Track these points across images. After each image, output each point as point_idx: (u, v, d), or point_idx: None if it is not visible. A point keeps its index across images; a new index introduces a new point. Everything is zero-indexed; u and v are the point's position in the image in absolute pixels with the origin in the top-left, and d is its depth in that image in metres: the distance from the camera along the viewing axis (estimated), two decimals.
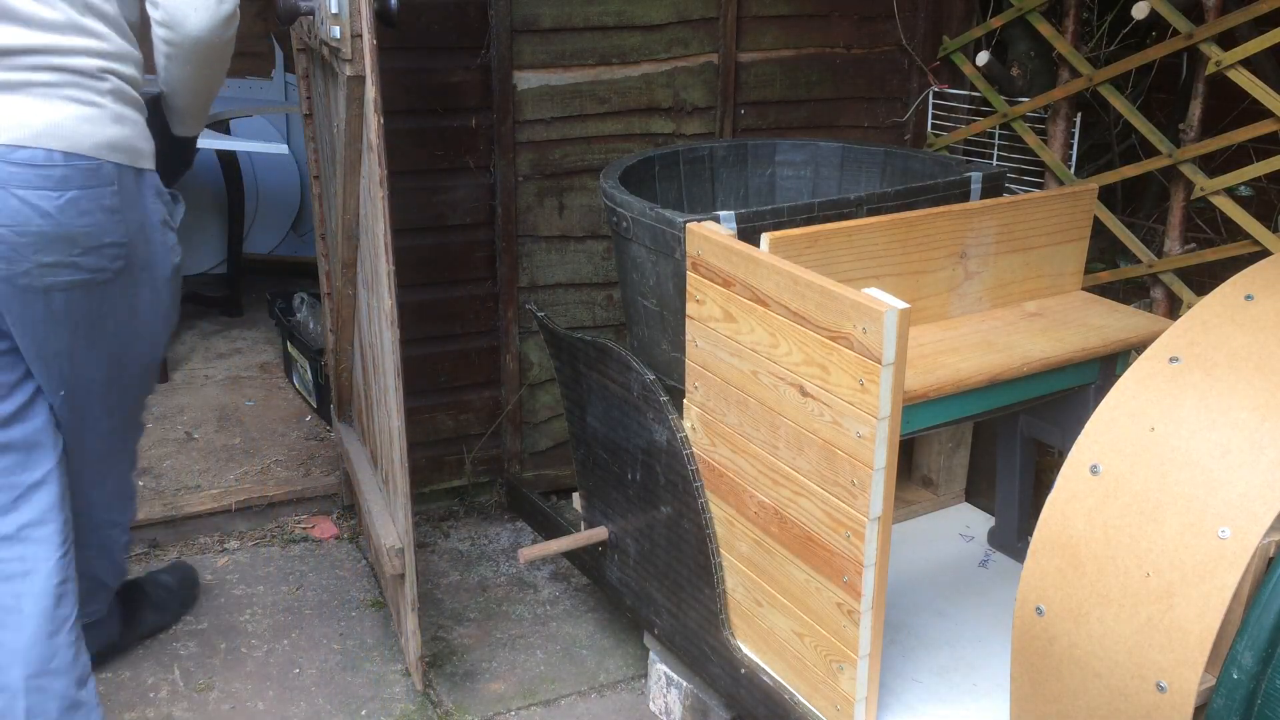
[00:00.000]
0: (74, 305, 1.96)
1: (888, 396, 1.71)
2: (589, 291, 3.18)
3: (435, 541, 3.11)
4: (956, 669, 2.15)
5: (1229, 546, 1.40)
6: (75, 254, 1.90)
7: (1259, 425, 1.46)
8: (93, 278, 1.95)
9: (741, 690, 2.14)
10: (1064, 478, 1.60)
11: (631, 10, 2.99)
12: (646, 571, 2.36)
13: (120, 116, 1.93)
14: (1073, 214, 2.33)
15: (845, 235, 2.05)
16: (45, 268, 1.89)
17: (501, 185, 2.99)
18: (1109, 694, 1.51)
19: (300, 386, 3.67)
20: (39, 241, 1.87)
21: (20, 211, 1.84)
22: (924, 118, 3.38)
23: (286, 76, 4.68)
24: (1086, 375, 2.19)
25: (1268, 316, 1.61)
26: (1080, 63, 2.91)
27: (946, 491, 2.74)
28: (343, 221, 2.51)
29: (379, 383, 2.43)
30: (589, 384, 2.40)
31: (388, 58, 2.44)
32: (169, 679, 2.54)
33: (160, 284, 2.09)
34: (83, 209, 1.89)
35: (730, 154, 2.69)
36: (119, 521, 2.38)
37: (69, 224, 1.87)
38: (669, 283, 2.18)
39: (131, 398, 2.23)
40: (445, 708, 2.49)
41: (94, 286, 1.96)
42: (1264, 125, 2.56)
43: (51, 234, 1.87)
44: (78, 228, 1.89)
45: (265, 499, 3.10)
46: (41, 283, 1.90)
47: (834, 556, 1.86)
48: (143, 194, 1.99)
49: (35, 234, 1.86)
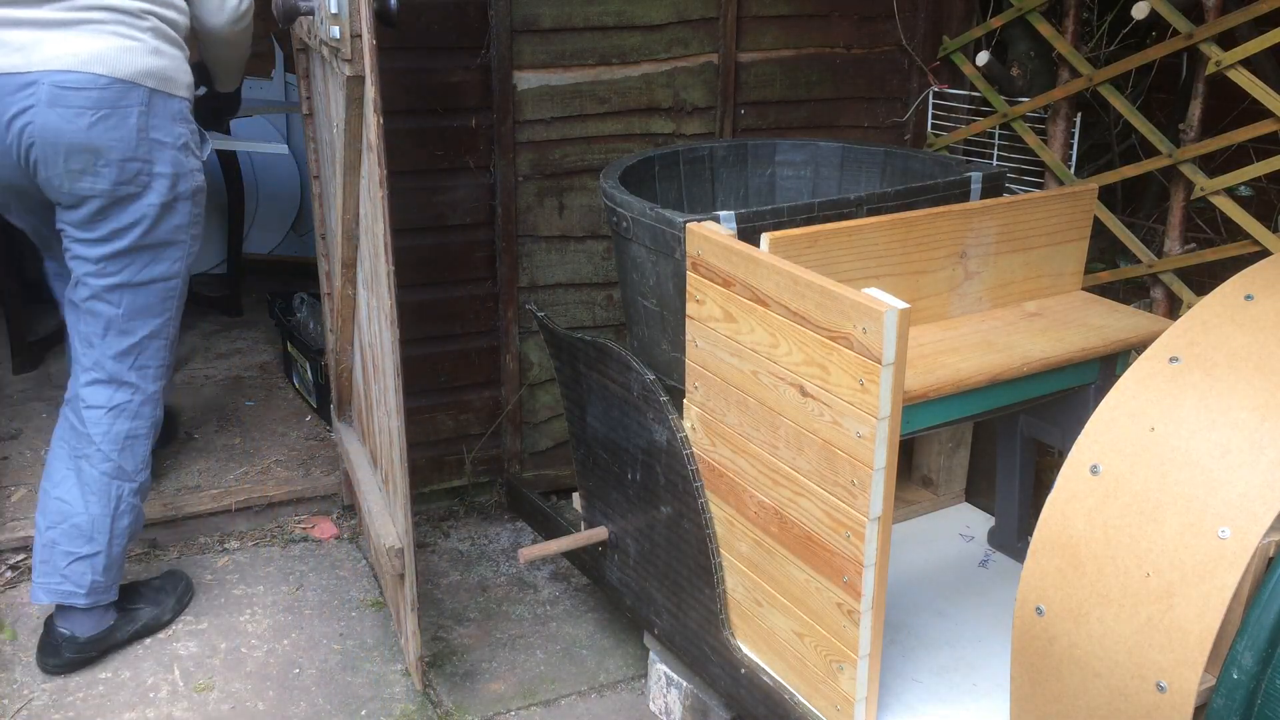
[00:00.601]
0: (98, 211, 2.31)
1: (888, 396, 1.71)
2: (589, 291, 3.18)
3: (435, 541, 3.11)
4: (956, 669, 2.15)
5: (1229, 546, 1.40)
6: (99, 165, 2.26)
7: (1259, 425, 1.46)
8: (113, 189, 2.29)
9: (741, 690, 2.14)
10: (1064, 478, 1.60)
11: (631, 10, 2.99)
12: (646, 571, 2.36)
13: (157, 50, 2.31)
14: (1073, 214, 2.33)
15: (845, 235, 2.05)
16: (72, 173, 2.26)
17: (501, 185, 2.99)
18: (1109, 694, 1.51)
19: (300, 386, 3.67)
20: (69, 150, 2.24)
21: (58, 126, 2.22)
22: (924, 118, 3.38)
23: (286, 76, 4.67)
24: (1086, 375, 2.19)
25: (1268, 316, 1.61)
26: (1080, 63, 2.91)
27: (946, 491, 2.74)
28: (343, 221, 2.51)
29: (379, 383, 2.43)
30: (589, 384, 2.40)
31: (388, 58, 2.44)
32: (169, 679, 2.54)
33: (179, 202, 2.39)
34: (111, 125, 2.25)
35: (730, 154, 2.69)
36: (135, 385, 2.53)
37: (97, 138, 2.24)
38: (669, 283, 2.18)
39: (138, 334, 2.46)
40: (445, 708, 2.49)
41: (115, 196, 2.30)
42: (1264, 125, 2.56)
43: (81, 145, 2.24)
44: (103, 142, 2.25)
45: (265, 499, 3.10)
46: (69, 185, 2.27)
47: (834, 556, 1.86)
48: (171, 117, 2.34)
49: (67, 144, 2.23)
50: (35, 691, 2.47)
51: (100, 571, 2.47)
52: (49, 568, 2.47)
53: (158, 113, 2.31)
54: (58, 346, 3.95)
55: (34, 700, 2.44)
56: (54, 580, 2.47)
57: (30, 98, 2.21)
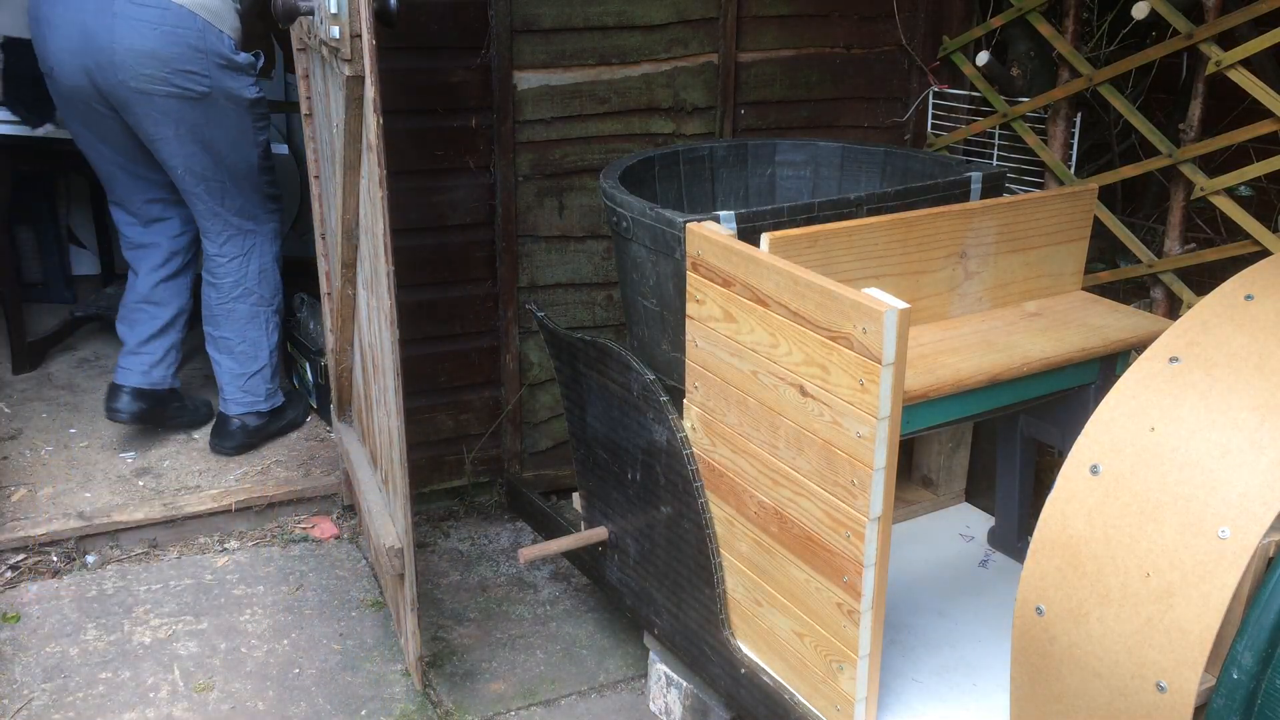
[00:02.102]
0: (171, 108, 2.89)
1: (888, 396, 1.71)
2: (589, 291, 3.18)
3: (435, 541, 3.11)
4: (956, 669, 2.15)
5: (1229, 546, 1.40)
6: (166, 71, 2.84)
7: (1259, 425, 1.46)
8: (182, 91, 2.87)
9: (741, 690, 2.14)
10: (1064, 478, 1.60)
11: (631, 10, 2.99)
12: (646, 571, 2.36)
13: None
14: (1073, 214, 2.33)
15: (845, 235, 2.05)
16: (145, 77, 2.83)
17: (501, 185, 2.99)
18: (1109, 694, 1.51)
19: (300, 386, 3.67)
20: (142, 58, 2.82)
21: (133, 37, 2.80)
22: (924, 118, 3.38)
23: (287, 76, 4.67)
24: (1086, 375, 2.19)
25: (1268, 316, 1.61)
26: (1080, 63, 2.91)
27: (946, 491, 2.74)
28: (342, 221, 2.51)
29: (379, 383, 2.43)
30: (589, 384, 2.40)
31: (387, 58, 2.44)
32: (169, 679, 2.54)
33: (241, 108, 2.98)
34: (173, 40, 2.82)
35: (730, 154, 2.69)
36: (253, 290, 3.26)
37: (162, 49, 2.82)
38: (669, 283, 2.18)
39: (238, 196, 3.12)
40: (445, 708, 2.49)
41: (184, 99, 2.88)
42: (1264, 125, 2.56)
43: (150, 52, 2.81)
44: (168, 52, 2.82)
45: (265, 499, 3.10)
46: (144, 87, 2.85)
47: (834, 556, 1.86)
48: (221, 44, 2.89)
49: (140, 52, 2.81)
50: (35, 691, 2.47)
51: (268, 379, 3.30)
52: (233, 389, 3.28)
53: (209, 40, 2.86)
54: (58, 346, 3.96)
55: (34, 700, 2.44)
56: (238, 395, 3.28)
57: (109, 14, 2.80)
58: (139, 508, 3.00)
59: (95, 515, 2.95)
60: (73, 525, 2.90)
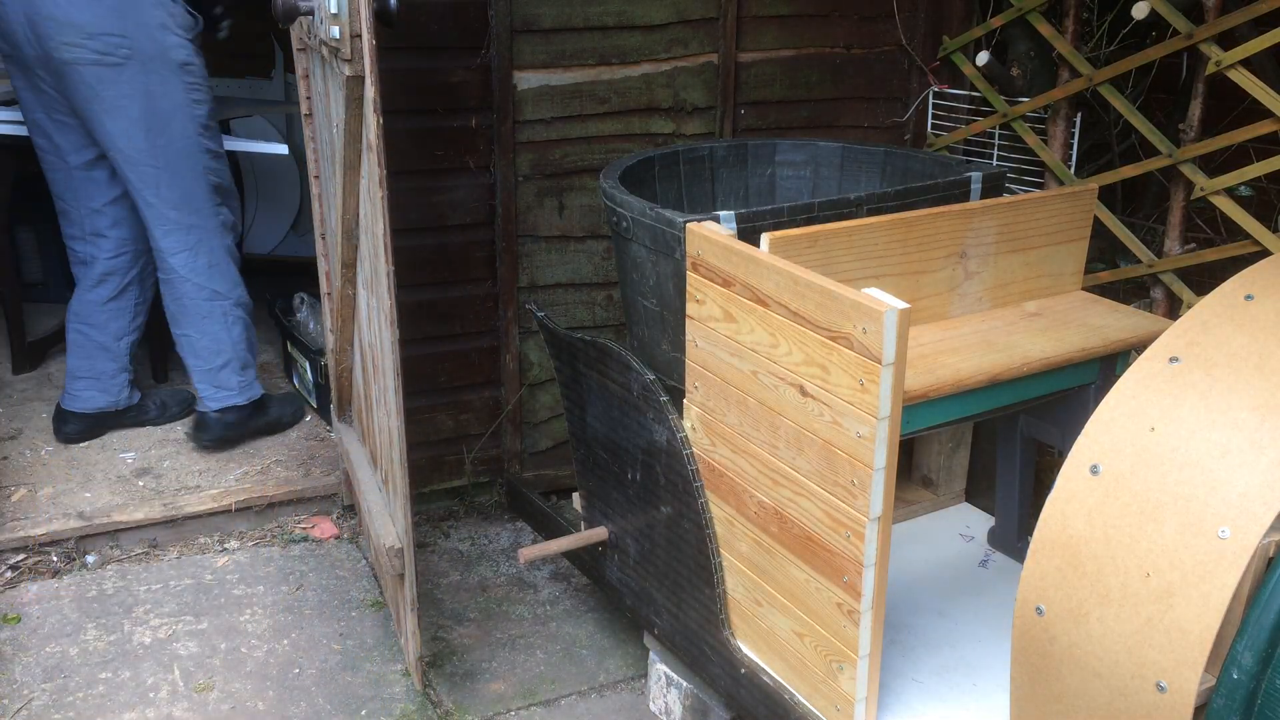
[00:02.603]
0: (96, 79, 2.82)
1: (888, 396, 1.71)
2: (589, 291, 3.18)
3: (435, 541, 3.11)
4: (956, 669, 2.15)
5: (1229, 546, 1.40)
6: (82, 38, 2.78)
7: (1259, 425, 1.46)
8: (101, 58, 2.80)
9: (741, 690, 2.14)
10: (1064, 478, 1.60)
11: (631, 10, 2.99)
12: (646, 571, 2.36)
13: None
14: (1073, 214, 2.33)
15: (845, 235, 2.05)
16: (65, 45, 2.79)
17: (501, 185, 2.99)
18: (1109, 694, 1.51)
19: (300, 386, 3.67)
20: (57, 27, 2.78)
21: (47, 7, 2.76)
22: (924, 118, 3.38)
23: (286, 76, 4.67)
24: (1086, 375, 2.19)
25: (1268, 316, 1.61)
26: (1080, 63, 2.91)
27: (946, 491, 2.74)
28: (343, 221, 2.51)
29: (379, 383, 2.43)
30: (589, 384, 2.40)
31: (387, 58, 2.44)
32: (169, 679, 2.54)
33: (169, 75, 2.88)
34: (85, 5, 2.76)
35: (730, 154, 2.69)
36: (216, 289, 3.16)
37: (75, 16, 2.77)
38: (669, 283, 2.18)
39: (174, 186, 2.99)
40: (445, 708, 2.49)
41: (107, 67, 2.81)
42: (1264, 125, 2.56)
43: (64, 21, 2.77)
44: (81, 19, 2.77)
45: (265, 499, 3.10)
46: (65, 56, 2.80)
47: (834, 556, 1.86)
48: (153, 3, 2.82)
49: (55, 21, 2.77)
50: (35, 691, 2.47)
51: (238, 371, 3.22)
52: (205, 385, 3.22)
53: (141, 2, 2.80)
54: (58, 346, 3.95)
55: (34, 700, 2.44)
56: (210, 392, 3.21)
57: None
58: (139, 508, 3.00)
59: (95, 515, 2.96)
60: (73, 525, 2.91)
